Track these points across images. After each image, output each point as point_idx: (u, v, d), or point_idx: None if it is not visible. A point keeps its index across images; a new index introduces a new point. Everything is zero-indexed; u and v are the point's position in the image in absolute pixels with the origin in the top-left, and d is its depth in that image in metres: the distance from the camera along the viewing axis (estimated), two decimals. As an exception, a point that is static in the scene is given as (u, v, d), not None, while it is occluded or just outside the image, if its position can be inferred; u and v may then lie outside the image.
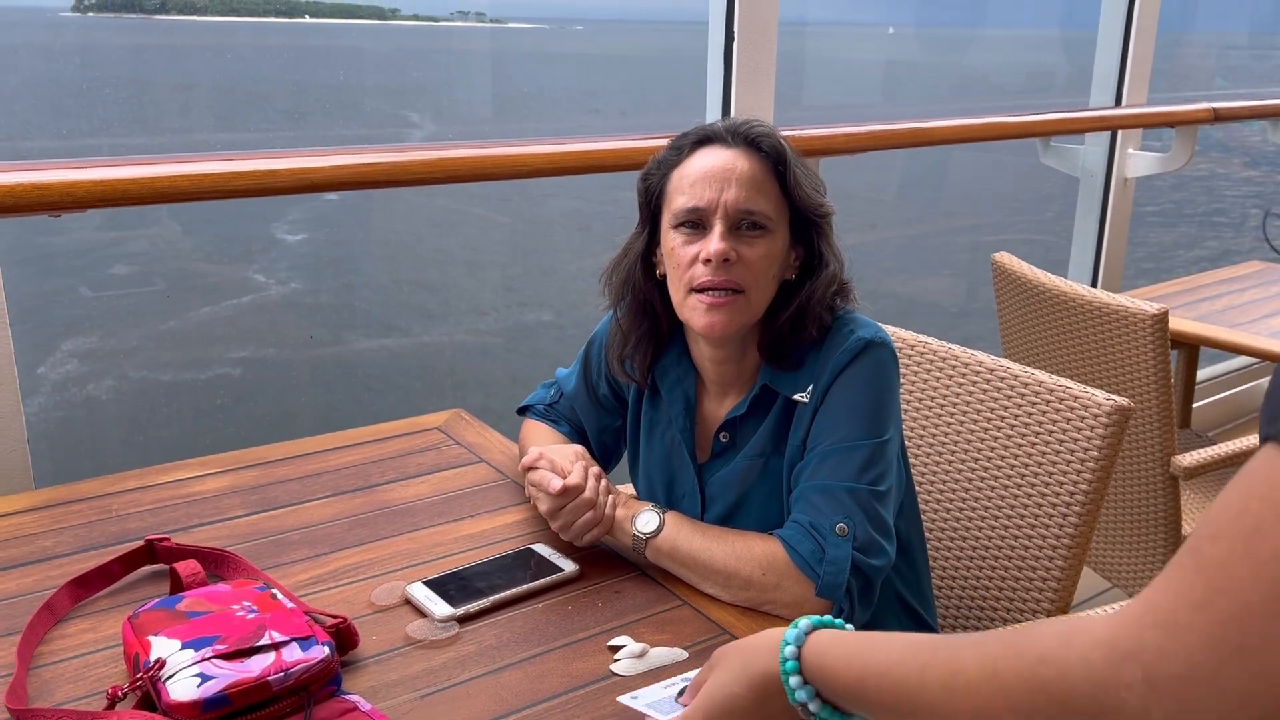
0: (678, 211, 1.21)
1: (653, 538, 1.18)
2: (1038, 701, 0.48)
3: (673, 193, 1.23)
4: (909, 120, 2.54)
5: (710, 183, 1.19)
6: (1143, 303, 1.92)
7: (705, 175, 1.20)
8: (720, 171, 1.19)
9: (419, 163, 1.67)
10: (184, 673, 0.94)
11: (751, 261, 1.19)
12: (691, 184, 1.20)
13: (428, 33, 15.24)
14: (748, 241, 1.19)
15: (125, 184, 1.44)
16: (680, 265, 1.21)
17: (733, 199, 1.19)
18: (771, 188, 1.21)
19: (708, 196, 1.19)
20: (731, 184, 1.19)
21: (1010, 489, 1.50)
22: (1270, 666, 0.35)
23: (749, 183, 1.19)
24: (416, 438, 1.59)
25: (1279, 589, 0.35)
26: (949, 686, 0.57)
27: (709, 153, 1.22)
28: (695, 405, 1.33)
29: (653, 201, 1.27)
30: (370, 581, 1.18)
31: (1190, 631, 0.38)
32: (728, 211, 1.19)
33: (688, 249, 1.20)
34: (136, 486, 1.41)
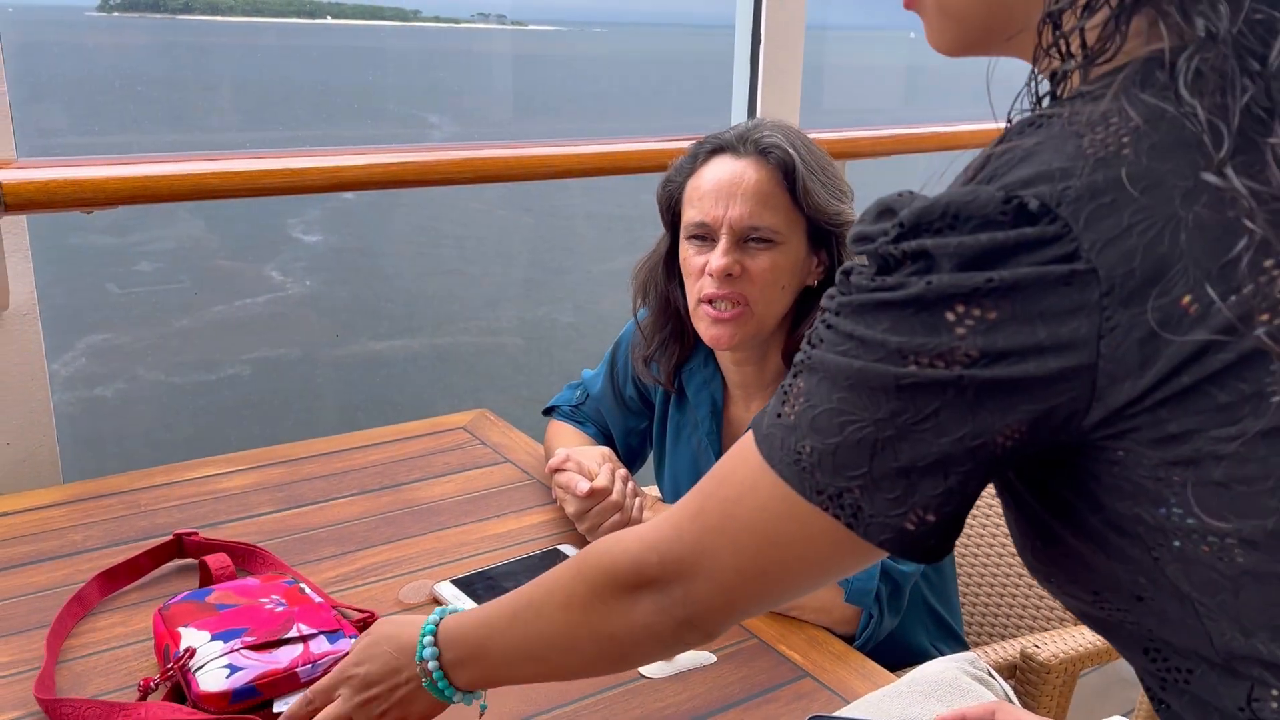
0: (688, 224, 1.22)
1: None
2: (598, 581, 0.69)
3: (686, 204, 1.24)
4: (935, 124, 2.53)
5: (717, 198, 1.19)
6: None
7: (713, 189, 1.20)
8: (727, 186, 1.19)
9: (447, 163, 1.68)
10: (213, 663, 0.95)
11: (756, 274, 1.19)
12: (700, 197, 1.21)
13: (449, 34, 15.33)
14: (753, 254, 1.19)
15: (156, 181, 1.44)
16: (691, 275, 1.22)
17: (737, 215, 1.18)
18: (780, 199, 1.20)
19: (714, 213, 1.19)
20: (737, 200, 1.18)
21: (1038, 496, 1.49)
22: (728, 546, 0.62)
23: (754, 197, 1.19)
24: (441, 437, 1.60)
25: (729, 508, 0.61)
26: (533, 603, 0.74)
27: (719, 164, 1.22)
28: (722, 409, 1.33)
29: (672, 208, 1.27)
30: (397, 580, 1.19)
31: (686, 529, 0.64)
32: (732, 227, 1.19)
33: (697, 260, 1.21)
34: (164, 482, 1.41)
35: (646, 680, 1.02)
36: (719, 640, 1.08)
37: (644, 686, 1.01)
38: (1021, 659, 1.25)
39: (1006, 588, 1.51)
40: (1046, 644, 1.25)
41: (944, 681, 0.96)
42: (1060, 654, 1.24)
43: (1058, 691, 1.26)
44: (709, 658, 1.05)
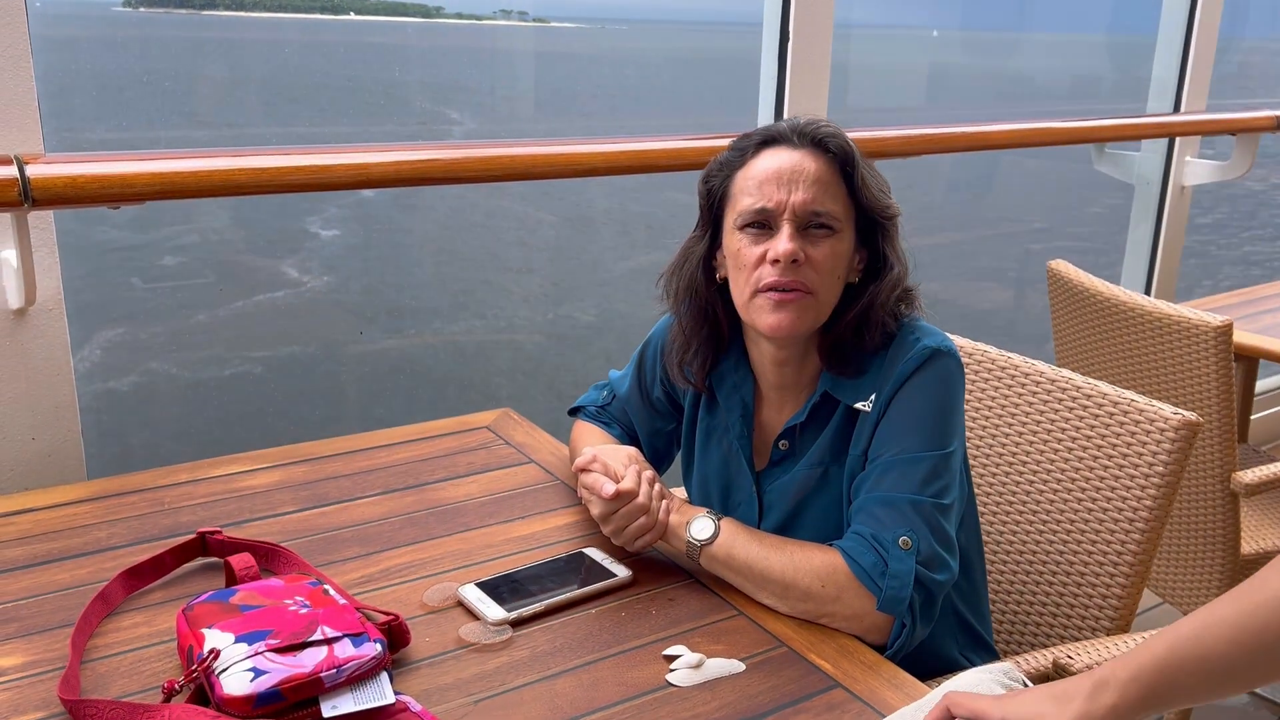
0: (744, 212, 1.19)
1: (708, 545, 1.16)
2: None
3: (738, 194, 1.21)
4: (963, 124, 2.50)
5: (779, 183, 1.17)
6: (1206, 314, 1.87)
7: (773, 176, 1.18)
8: (788, 172, 1.18)
9: (475, 159, 1.67)
10: (237, 666, 0.94)
11: (819, 262, 1.17)
12: (759, 184, 1.19)
13: (471, 31, 15.31)
14: (814, 242, 1.18)
15: (184, 176, 1.44)
16: (746, 266, 1.19)
17: (801, 200, 1.17)
18: (838, 189, 1.19)
19: (776, 197, 1.17)
20: (799, 185, 1.17)
21: (1070, 504, 1.46)
22: None
23: (816, 183, 1.18)
24: (465, 436, 1.59)
25: None
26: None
27: (775, 153, 1.20)
28: (753, 412, 1.31)
29: (715, 204, 1.25)
30: (422, 581, 1.17)
31: None
32: (796, 213, 1.17)
33: (754, 249, 1.18)
34: (188, 480, 1.41)
35: (675, 689, 1.00)
36: (748, 648, 1.07)
37: (672, 695, 0.99)
38: (1054, 670, 1.23)
39: (1038, 596, 1.49)
40: (1080, 654, 1.23)
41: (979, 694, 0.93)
42: (1094, 665, 1.21)
43: (1091, 704, 1.23)
44: (738, 666, 1.04)
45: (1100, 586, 1.42)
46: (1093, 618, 1.43)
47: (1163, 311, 1.94)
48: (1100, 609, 1.42)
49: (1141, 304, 1.98)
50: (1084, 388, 1.48)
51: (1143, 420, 1.41)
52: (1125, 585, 1.40)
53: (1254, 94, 8.44)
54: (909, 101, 11.49)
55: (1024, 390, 1.54)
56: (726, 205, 1.23)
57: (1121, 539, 1.40)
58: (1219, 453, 1.94)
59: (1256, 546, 2.03)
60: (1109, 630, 1.42)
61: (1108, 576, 1.41)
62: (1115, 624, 1.41)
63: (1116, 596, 1.41)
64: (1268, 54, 9.83)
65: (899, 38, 19.17)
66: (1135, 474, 1.40)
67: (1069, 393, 1.49)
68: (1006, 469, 1.55)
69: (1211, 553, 2.02)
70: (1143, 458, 1.39)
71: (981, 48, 18.56)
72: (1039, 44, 20.34)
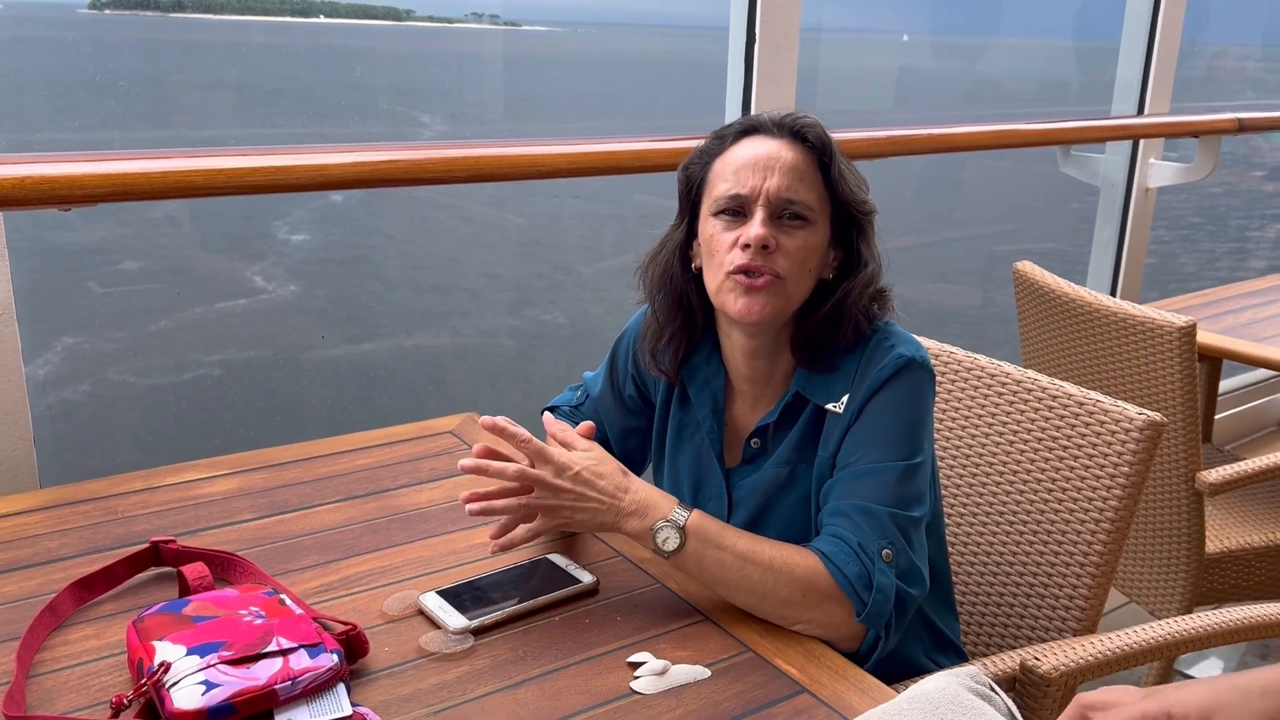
0: (719, 198, 1.19)
1: (675, 554, 1.14)
2: None
3: (714, 180, 1.21)
4: (930, 126, 2.50)
5: (754, 170, 1.17)
6: (1170, 315, 1.88)
7: (749, 163, 1.18)
8: (764, 160, 1.17)
9: (438, 161, 1.64)
10: (188, 680, 0.92)
11: (791, 251, 1.17)
12: (735, 171, 1.18)
13: (441, 34, 15.23)
14: (788, 231, 1.17)
15: (136, 178, 1.41)
16: (719, 251, 1.18)
17: (775, 187, 1.16)
18: (815, 180, 1.19)
19: (751, 184, 1.17)
20: (775, 172, 1.17)
21: (1037, 504, 1.46)
22: None
23: (792, 172, 1.17)
24: (429, 441, 1.56)
25: None
26: None
27: (754, 142, 1.20)
28: (724, 408, 1.30)
29: (693, 191, 1.25)
30: (382, 590, 1.15)
31: None
32: (769, 199, 1.16)
33: (727, 235, 1.18)
34: (143, 487, 1.38)
35: (639, 697, 0.98)
36: (714, 653, 1.05)
37: (636, 703, 0.98)
38: (1021, 671, 1.23)
39: (1005, 597, 1.49)
40: (1047, 656, 1.23)
41: (946, 698, 0.93)
42: (1060, 666, 1.21)
43: (1057, 705, 1.23)
44: (703, 672, 1.02)
45: (1067, 587, 1.42)
46: (1059, 618, 1.43)
47: (1127, 312, 1.95)
48: (1067, 609, 1.42)
49: (1106, 305, 1.99)
50: (1050, 388, 1.48)
51: (1108, 420, 1.41)
52: (1092, 585, 1.40)
53: (1223, 98, 8.56)
54: (878, 104, 11.56)
55: (990, 391, 1.54)
56: (704, 192, 1.23)
57: (1088, 539, 1.40)
58: (1183, 452, 1.95)
59: (1221, 545, 2.05)
60: (1076, 631, 1.42)
61: (1074, 577, 1.41)
62: (1082, 624, 1.41)
63: (1083, 597, 1.40)
64: (1234, 59, 9.97)
65: (869, 41, 19.29)
66: (1101, 474, 1.40)
67: (1035, 394, 1.49)
68: (974, 470, 1.54)
69: (1176, 552, 2.03)
70: (1108, 458, 1.40)
71: (950, 52, 18.70)
72: (1006, 48, 20.54)
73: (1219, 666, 2.50)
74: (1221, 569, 2.05)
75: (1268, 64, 11.73)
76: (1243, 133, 3.11)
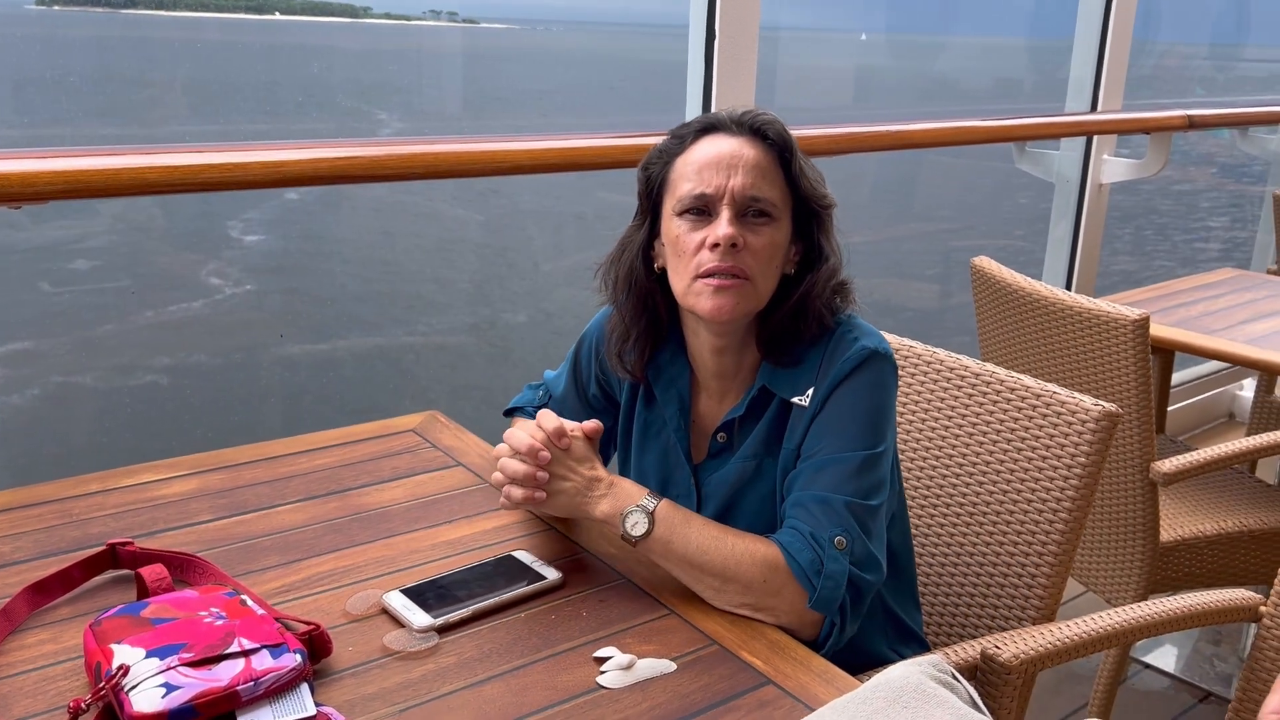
0: (683, 198, 1.19)
1: (643, 539, 1.14)
2: None
3: (677, 180, 1.21)
4: (887, 122, 2.53)
5: (717, 169, 1.17)
6: (1124, 308, 1.91)
7: (712, 162, 1.18)
8: (727, 158, 1.18)
9: (396, 157, 1.63)
10: (148, 682, 0.90)
11: (758, 249, 1.17)
12: (698, 170, 1.18)
13: (399, 31, 15.09)
14: (753, 229, 1.18)
15: (89, 175, 1.39)
16: (686, 252, 1.18)
17: (739, 185, 1.17)
18: (777, 176, 1.20)
19: (715, 182, 1.17)
20: (739, 170, 1.17)
21: (995, 495, 1.48)
22: None
23: (755, 170, 1.18)
24: (390, 440, 1.55)
25: None
26: None
27: (714, 140, 1.20)
28: (690, 405, 1.30)
29: (654, 191, 1.24)
30: (345, 590, 1.14)
31: None
32: (735, 198, 1.17)
33: (693, 235, 1.18)
34: (99, 489, 1.35)
35: (606, 691, 0.98)
36: (679, 647, 1.06)
37: (603, 697, 0.98)
38: (982, 660, 1.24)
39: (965, 587, 1.51)
40: (1007, 644, 1.24)
41: (908, 687, 0.94)
42: (1021, 654, 1.23)
43: (1018, 692, 1.25)
44: (669, 666, 1.03)
45: (1026, 576, 1.44)
46: (1019, 607, 1.45)
47: (1083, 306, 1.98)
48: (1026, 598, 1.44)
49: (1062, 299, 2.02)
50: (1008, 381, 1.50)
51: (1064, 412, 1.43)
52: (1050, 575, 1.42)
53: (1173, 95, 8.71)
54: (836, 102, 11.63)
55: (950, 384, 1.56)
56: (666, 192, 1.23)
57: (1046, 529, 1.42)
58: (1138, 443, 1.98)
59: (1175, 534, 2.08)
60: (1035, 619, 1.44)
61: (1033, 566, 1.43)
62: (1041, 613, 1.43)
63: (1042, 586, 1.43)
64: (1182, 57, 10.14)
65: (828, 41, 19.40)
66: (1058, 464, 1.42)
67: (993, 386, 1.51)
68: (934, 462, 1.56)
69: (1132, 541, 2.07)
70: (1065, 448, 1.42)
71: (907, 50, 18.86)
72: (962, 47, 20.75)
73: (1173, 653, 2.55)
74: (1175, 557, 2.09)
75: (1215, 62, 11.97)
76: (1193, 129, 3.17)
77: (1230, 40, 11.49)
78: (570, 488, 1.17)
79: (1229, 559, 2.14)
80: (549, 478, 1.17)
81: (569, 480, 1.17)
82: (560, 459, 1.17)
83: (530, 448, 1.16)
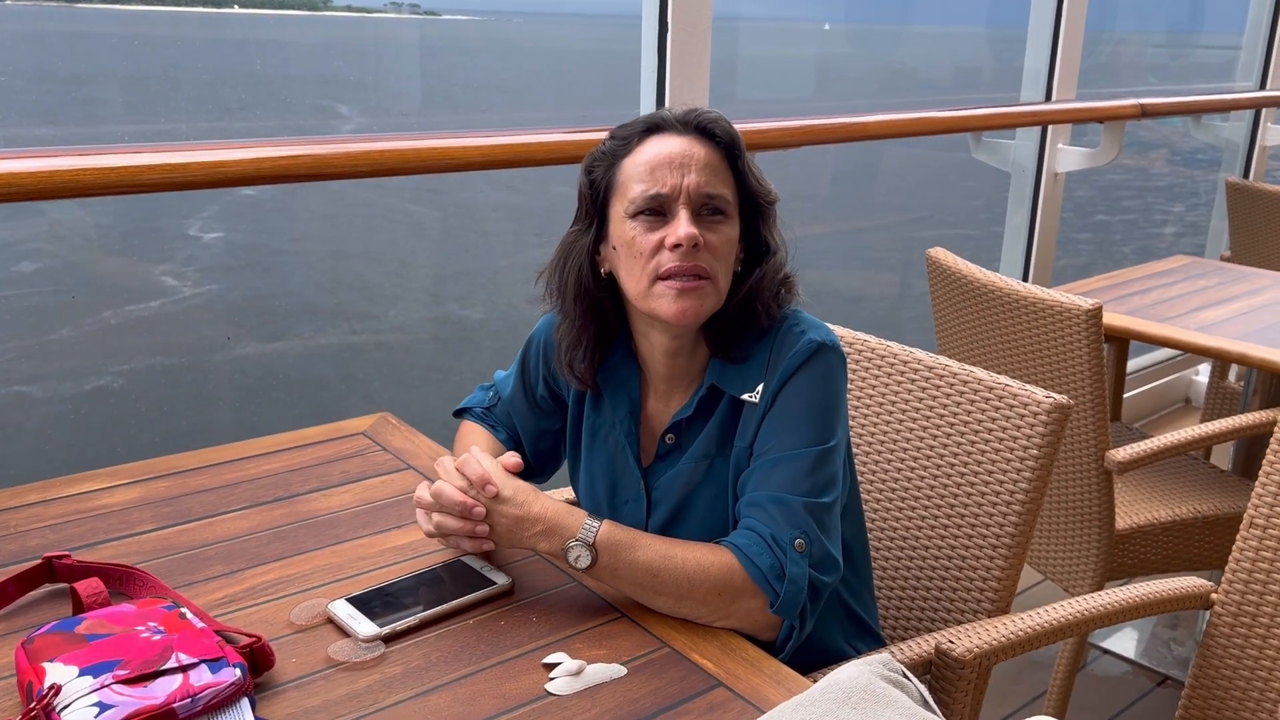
0: (635, 199, 1.16)
1: (590, 569, 1.12)
2: None
3: (626, 181, 1.18)
4: (843, 115, 2.52)
5: (670, 168, 1.16)
6: (1077, 298, 1.93)
7: (664, 161, 1.16)
8: (679, 157, 1.16)
9: (342, 155, 1.60)
10: (80, 702, 0.88)
11: (716, 246, 1.16)
12: (650, 171, 1.16)
13: (360, 24, 14.94)
14: (710, 227, 1.16)
15: (22, 177, 1.35)
16: (642, 254, 1.16)
17: (694, 184, 1.15)
18: (726, 174, 1.19)
19: (670, 182, 1.15)
20: (691, 169, 1.15)
21: (950, 488, 1.48)
22: None
23: (707, 168, 1.17)
24: (340, 444, 1.53)
25: None
26: None
27: (662, 140, 1.18)
28: (640, 407, 1.29)
29: (599, 195, 1.22)
30: (290, 599, 1.12)
31: None
32: (691, 196, 1.15)
33: (650, 236, 1.16)
34: (38, 500, 1.32)
35: (554, 698, 0.97)
36: (630, 650, 1.04)
37: (552, 704, 0.96)
38: (936, 655, 1.24)
39: (921, 581, 1.51)
40: (961, 638, 1.24)
41: (858, 687, 0.93)
42: (975, 649, 1.23)
43: (973, 686, 1.25)
44: (619, 671, 1.02)
45: (980, 569, 1.44)
46: (974, 599, 1.45)
47: (1036, 296, 1.99)
48: (981, 591, 1.44)
49: (1016, 289, 2.03)
50: (960, 374, 1.50)
51: (1016, 404, 1.43)
52: (1004, 567, 1.43)
53: (1126, 84, 8.80)
54: (796, 93, 11.66)
55: (903, 378, 1.56)
56: (613, 195, 1.20)
57: (1000, 521, 1.43)
58: (1092, 431, 2.00)
59: (1130, 522, 2.10)
60: (990, 611, 1.44)
61: (987, 559, 1.44)
62: (996, 605, 1.44)
63: (996, 579, 1.43)
64: (1138, 45, 10.24)
65: (790, 31, 19.42)
66: (1011, 457, 1.42)
67: (946, 379, 1.51)
68: (888, 456, 1.56)
69: (1088, 529, 2.08)
70: (1017, 441, 1.42)
71: (867, 39, 18.94)
72: (922, 36, 20.85)
73: (1133, 637, 2.58)
74: (1131, 544, 2.11)
75: (1170, 49, 12.11)
76: (1145, 118, 3.20)
77: (1185, 28, 11.63)
78: (505, 529, 1.13)
79: (1184, 545, 2.16)
80: (487, 528, 1.13)
81: (501, 523, 1.13)
82: (489, 505, 1.12)
83: (462, 505, 1.12)
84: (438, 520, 1.15)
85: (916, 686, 0.97)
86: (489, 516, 1.13)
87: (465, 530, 1.13)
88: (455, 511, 1.13)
